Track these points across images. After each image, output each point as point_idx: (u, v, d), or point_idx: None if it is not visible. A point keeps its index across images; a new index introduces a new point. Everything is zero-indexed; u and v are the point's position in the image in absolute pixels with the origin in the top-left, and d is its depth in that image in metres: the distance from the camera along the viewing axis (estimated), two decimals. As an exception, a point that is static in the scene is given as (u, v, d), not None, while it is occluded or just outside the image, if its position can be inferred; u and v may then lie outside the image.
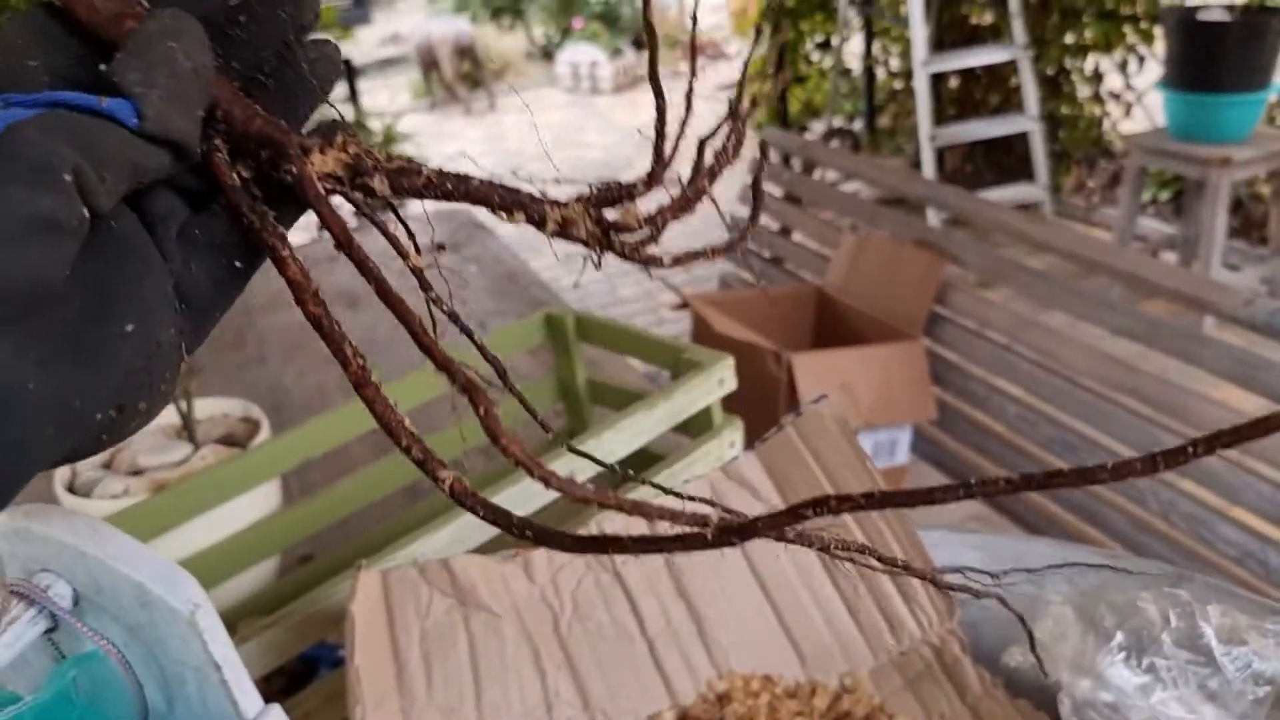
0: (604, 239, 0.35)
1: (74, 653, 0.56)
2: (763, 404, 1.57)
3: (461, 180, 0.34)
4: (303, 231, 4.11)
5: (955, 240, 1.72)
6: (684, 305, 1.77)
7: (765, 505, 0.70)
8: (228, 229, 0.34)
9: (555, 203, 0.35)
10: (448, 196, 0.35)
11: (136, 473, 0.93)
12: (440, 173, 0.35)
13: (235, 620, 0.85)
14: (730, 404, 1.02)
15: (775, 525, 0.31)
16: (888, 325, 1.73)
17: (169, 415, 1.00)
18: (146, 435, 0.98)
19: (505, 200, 0.35)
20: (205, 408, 1.01)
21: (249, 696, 0.55)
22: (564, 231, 0.35)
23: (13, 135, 0.26)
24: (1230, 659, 0.55)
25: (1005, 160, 4.13)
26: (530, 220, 0.35)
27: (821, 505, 0.30)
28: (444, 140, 6.77)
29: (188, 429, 0.95)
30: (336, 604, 0.68)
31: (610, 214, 0.35)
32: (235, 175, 0.32)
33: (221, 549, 0.87)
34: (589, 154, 5.87)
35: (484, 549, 0.75)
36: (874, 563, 0.68)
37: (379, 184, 0.33)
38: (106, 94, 0.28)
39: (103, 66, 0.29)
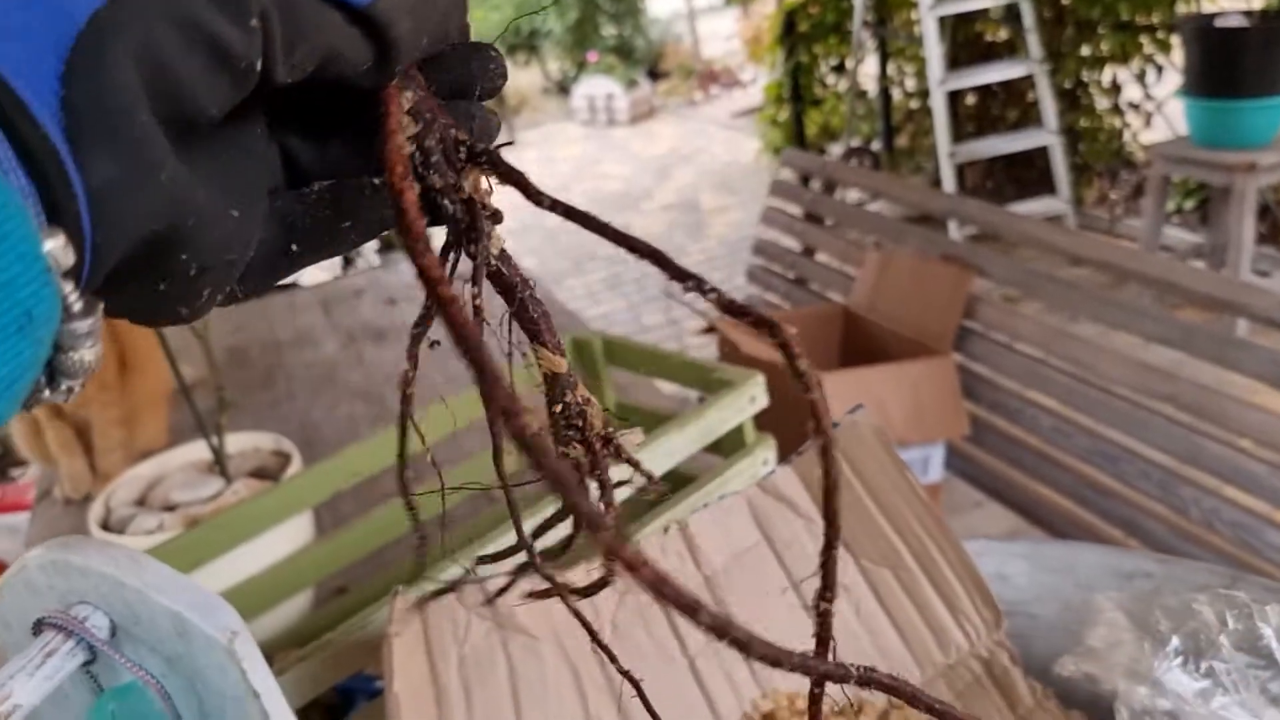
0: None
1: (112, 685, 0.55)
2: (793, 425, 1.55)
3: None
4: (325, 271, 4.14)
5: (981, 254, 1.70)
6: (709, 330, 1.77)
7: (804, 520, 0.69)
8: (307, 212, 0.32)
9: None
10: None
11: (170, 508, 0.93)
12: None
13: (271, 654, 0.85)
14: (761, 425, 1.01)
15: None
16: (916, 342, 1.71)
17: (201, 451, 1.00)
18: (179, 471, 0.98)
19: None
20: (236, 442, 1.01)
21: (289, 725, 0.54)
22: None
23: None
24: (1293, 661, 0.53)
25: (1026, 175, 4.12)
26: None
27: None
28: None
29: (220, 464, 0.95)
30: (372, 634, 0.67)
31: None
32: (407, 142, 0.30)
33: (256, 582, 0.86)
34: (608, 185, 5.89)
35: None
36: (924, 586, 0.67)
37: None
38: None
39: None
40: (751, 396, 0.95)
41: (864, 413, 0.71)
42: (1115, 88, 3.93)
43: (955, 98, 4.16)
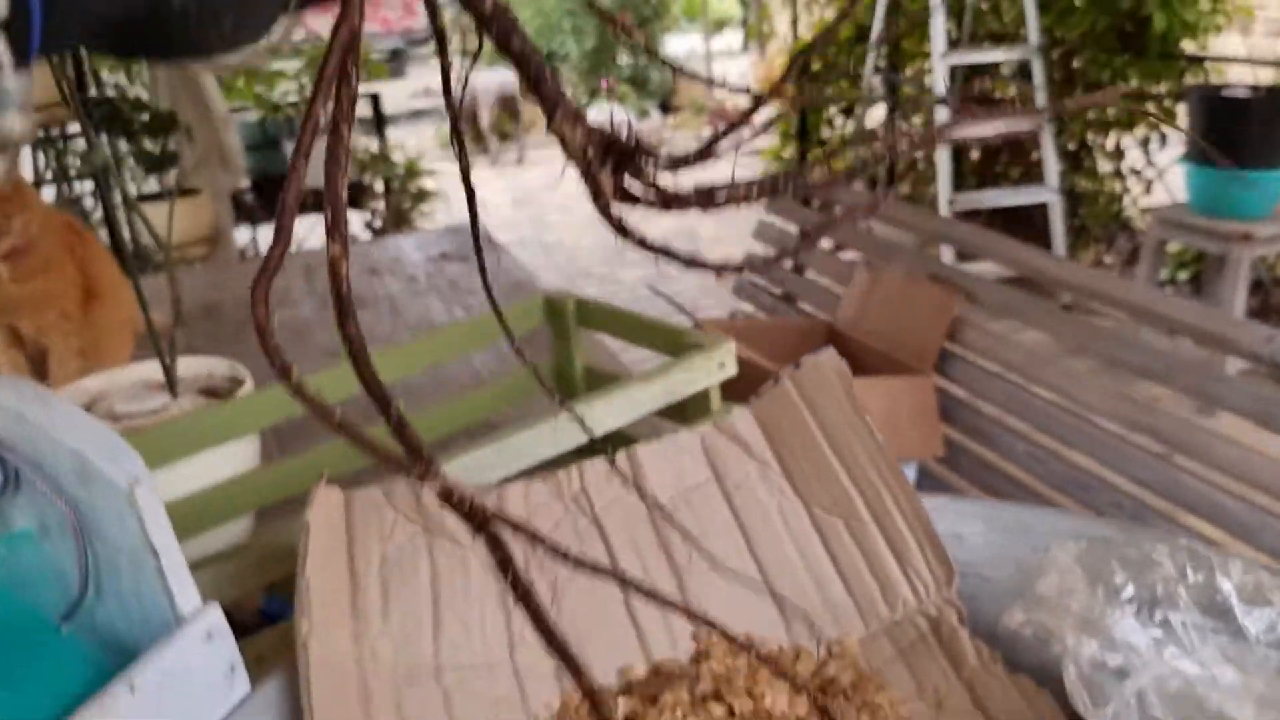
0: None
1: (5, 532, 0.52)
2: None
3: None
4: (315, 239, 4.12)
5: (969, 275, 1.69)
6: (695, 327, 1.74)
7: (758, 463, 0.67)
8: None
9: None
10: None
11: (113, 420, 0.90)
12: None
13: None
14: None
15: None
16: (898, 361, 1.69)
17: (153, 371, 0.97)
18: (127, 386, 0.95)
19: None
20: (191, 365, 0.98)
21: (186, 590, 0.51)
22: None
23: None
24: (1253, 620, 0.51)
25: (1024, 232, 4.12)
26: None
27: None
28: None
29: (169, 379, 0.92)
30: (295, 540, 0.64)
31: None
32: None
33: (191, 502, 0.83)
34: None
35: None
36: (870, 527, 0.64)
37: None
38: None
39: None
40: (721, 362, 0.93)
41: (829, 353, 0.69)
42: (1119, 152, 3.95)
43: (959, 153, 4.17)
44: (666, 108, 8.33)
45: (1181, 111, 3.53)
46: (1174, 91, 3.63)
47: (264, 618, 0.80)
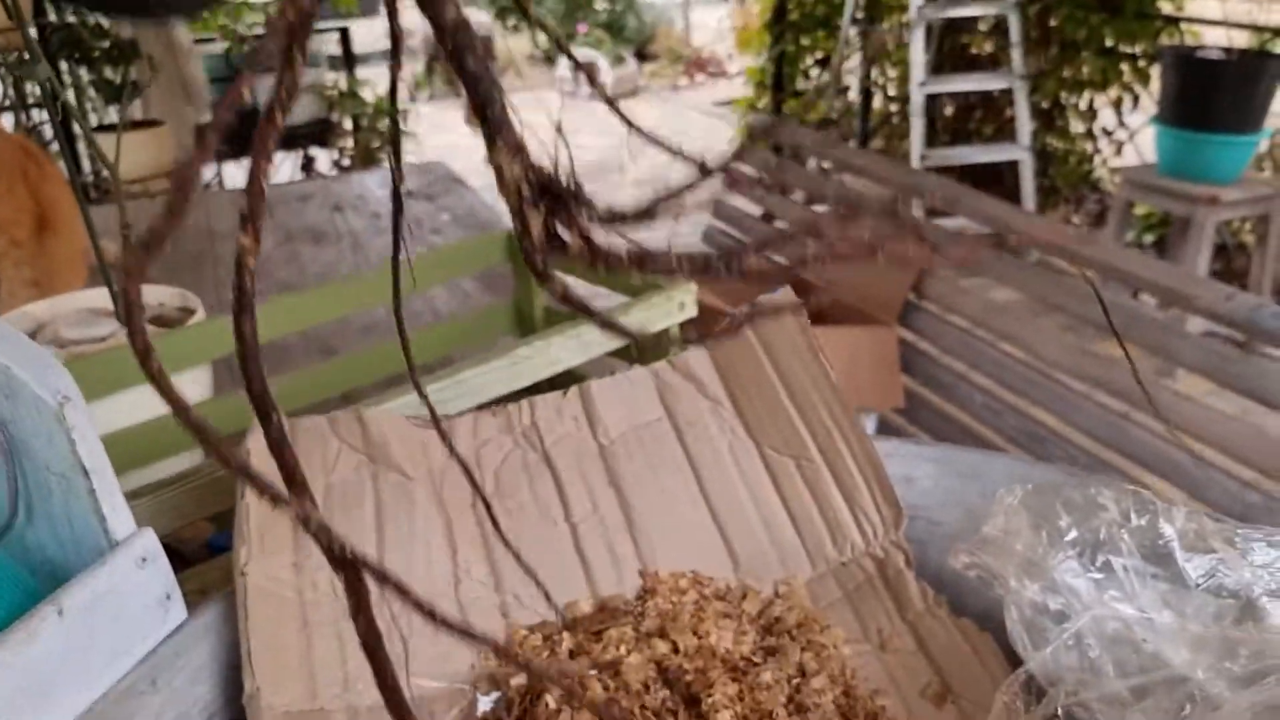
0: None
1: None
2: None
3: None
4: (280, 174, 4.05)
5: (936, 228, 1.68)
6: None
7: (711, 402, 0.66)
8: None
9: None
10: None
11: (59, 346, 0.88)
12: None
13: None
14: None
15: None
16: (863, 312, 1.69)
17: (101, 298, 0.95)
18: (74, 313, 0.93)
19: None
20: (143, 293, 0.96)
21: (120, 514, 0.50)
22: None
23: None
24: (1193, 566, 0.51)
25: (994, 190, 4.12)
26: None
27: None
28: (439, 131, 6.74)
29: (117, 308, 0.90)
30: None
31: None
32: None
33: (135, 433, 0.82)
34: (584, 155, 5.83)
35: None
36: (821, 467, 0.64)
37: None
38: None
39: None
40: (681, 303, 0.92)
41: (785, 292, 0.68)
42: (1091, 113, 3.95)
43: (933, 106, 4.15)
44: (643, 55, 8.23)
45: (1155, 73, 3.54)
46: (1149, 52, 3.62)
47: (211, 550, 0.79)
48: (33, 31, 2.94)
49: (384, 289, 0.98)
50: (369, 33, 9.58)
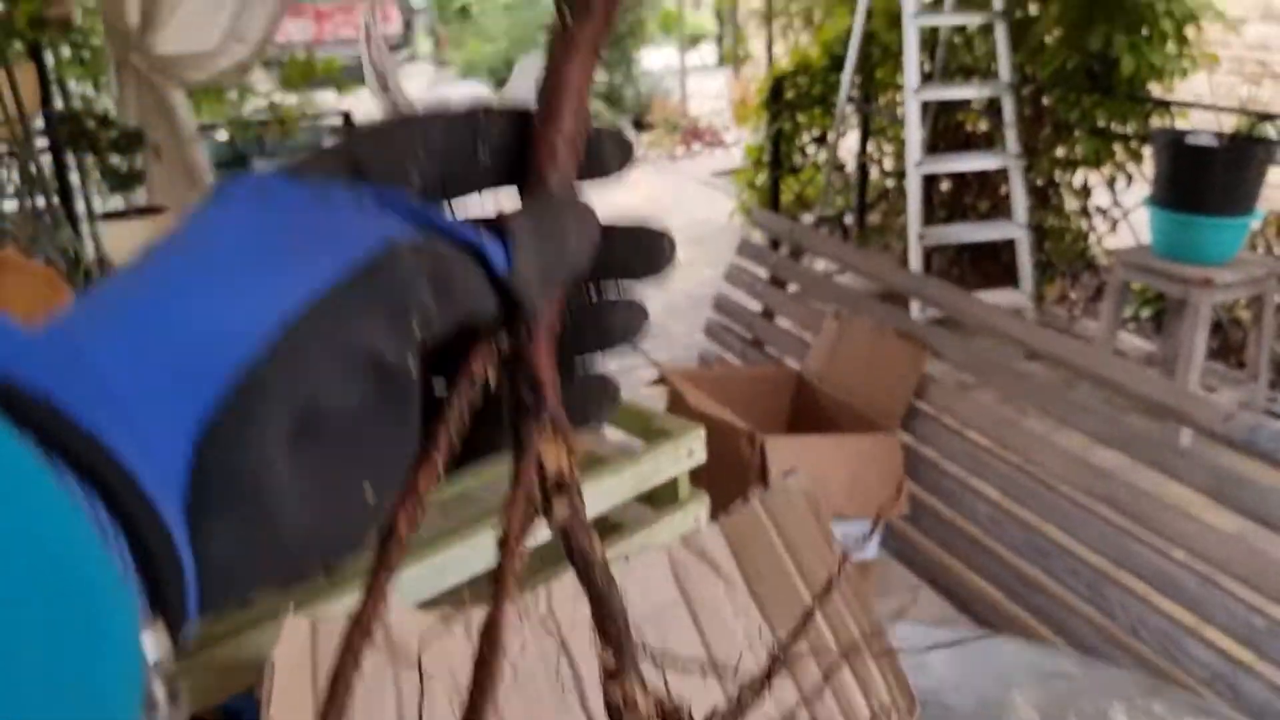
0: None
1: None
2: (732, 484, 1.53)
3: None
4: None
5: (938, 335, 1.71)
6: (660, 381, 1.75)
7: (725, 583, 0.67)
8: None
9: None
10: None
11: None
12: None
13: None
14: (699, 483, 0.99)
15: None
16: (865, 416, 1.71)
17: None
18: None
19: None
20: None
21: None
22: None
23: (389, 257, 0.25)
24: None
25: (991, 267, 4.17)
26: None
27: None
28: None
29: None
30: (266, 650, 0.64)
31: None
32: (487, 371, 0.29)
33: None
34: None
35: (434, 601, 0.71)
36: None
37: (560, 509, 0.28)
38: (482, 227, 0.27)
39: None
40: (690, 449, 0.94)
41: (797, 477, 0.70)
42: (1085, 191, 4.00)
43: (930, 182, 4.21)
44: (640, 125, 8.34)
45: (1148, 151, 3.59)
46: (1141, 133, 3.68)
47: (227, 715, 0.80)
48: (40, 122, 2.99)
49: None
50: (364, 101, 9.71)
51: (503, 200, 0.31)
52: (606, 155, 0.32)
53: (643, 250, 0.32)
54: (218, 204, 0.26)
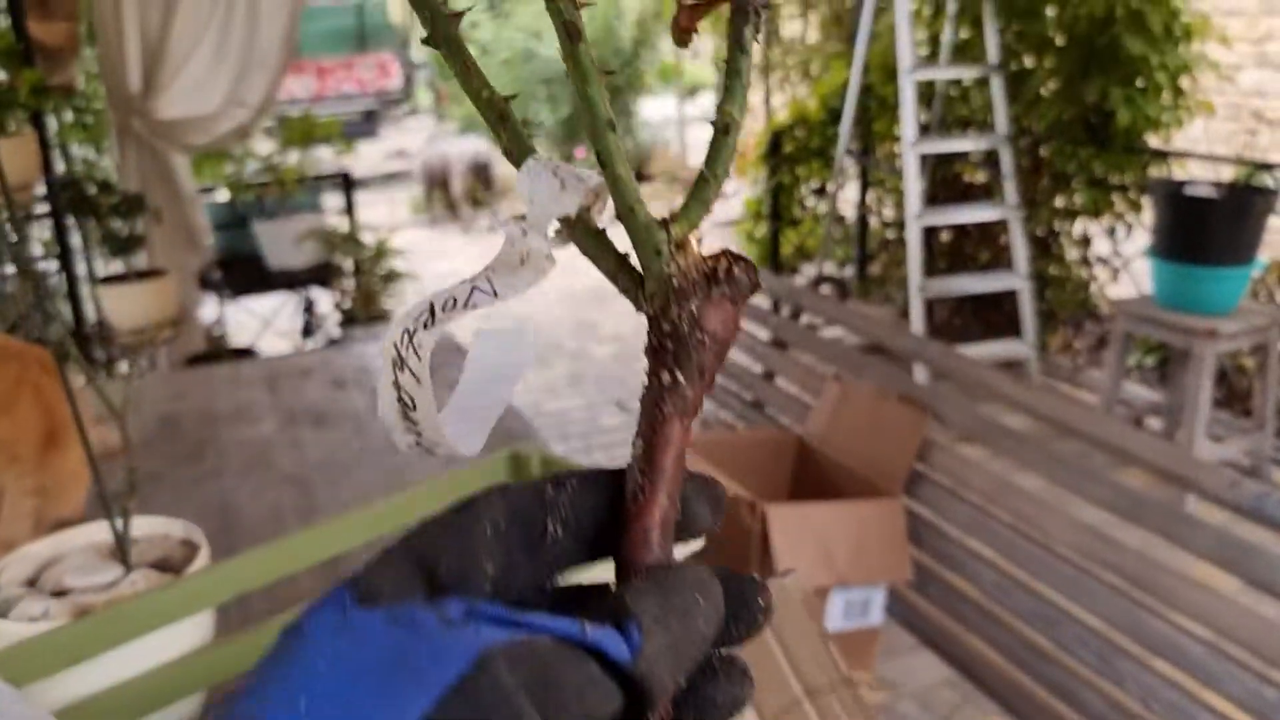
0: None
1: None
2: (734, 554, 1.52)
3: None
4: (285, 339, 4.06)
5: (940, 395, 1.70)
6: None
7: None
8: None
9: None
10: None
11: (61, 593, 0.87)
12: None
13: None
14: (700, 554, 0.97)
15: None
16: (867, 480, 1.69)
17: (105, 532, 0.95)
18: (77, 553, 0.93)
19: None
20: (145, 526, 0.96)
21: None
22: None
23: (483, 671, 0.23)
24: None
25: (994, 316, 4.17)
26: None
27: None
28: (439, 257, 6.83)
29: (121, 550, 0.89)
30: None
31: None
32: None
33: (144, 682, 0.81)
34: (580, 281, 5.91)
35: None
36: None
37: None
38: (583, 618, 0.25)
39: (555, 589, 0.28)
40: (686, 534, 0.92)
41: (795, 577, 0.68)
42: (1085, 241, 4.01)
43: (930, 233, 4.23)
44: (640, 176, 8.40)
45: (1147, 201, 3.60)
46: (1139, 183, 3.69)
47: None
48: (41, 188, 3.01)
49: (375, 525, 0.98)
50: (369, 154, 9.80)
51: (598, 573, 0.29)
52: (696, 513, 0.29)
53: (745, 613, 0.29)
54: (294, 648, 0.25)
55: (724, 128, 0.31)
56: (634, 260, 0.31)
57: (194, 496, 1.37)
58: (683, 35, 0.34)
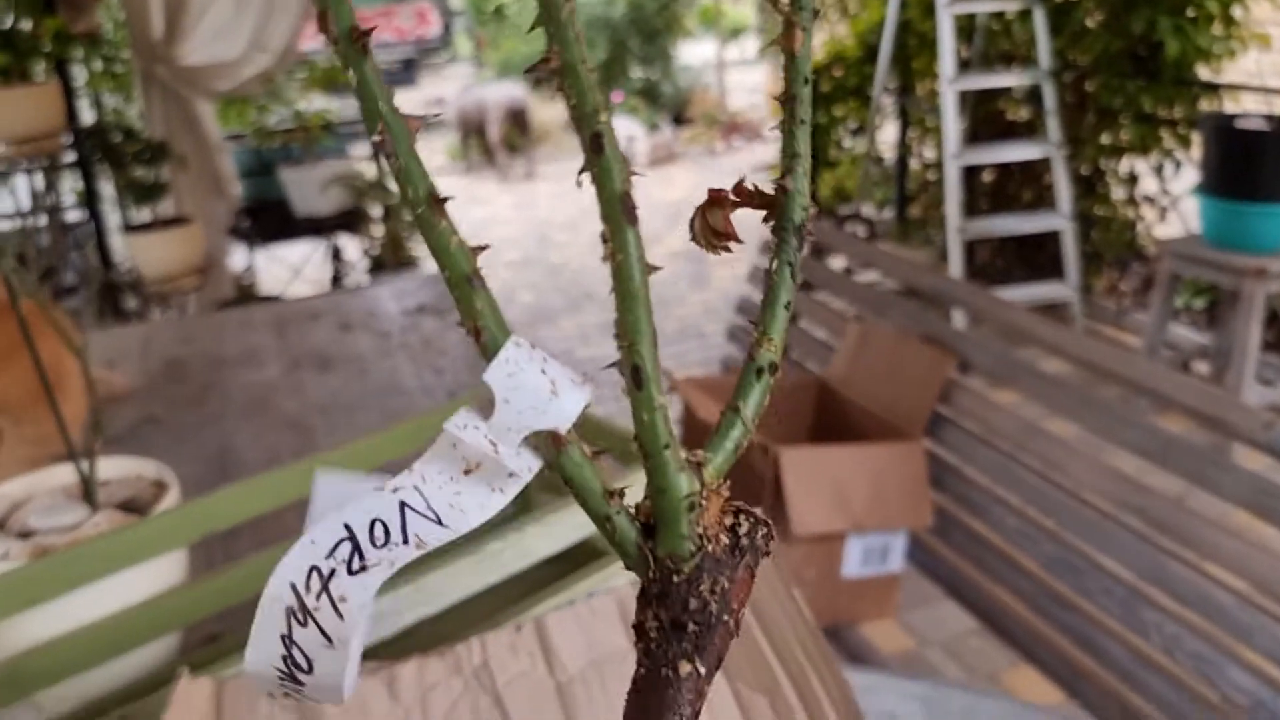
0: None
1: None
2: (746, 500, 1.47)
3: None
4: (315, 286, 4.05)
5: (966, 338, 1.63)
6: (673, 389, 1.69)
7: (682, 629, 0.61)
8: None
9: None
10: None
11: (26, 534, 0.85)
12: None
13: (120, 702, 0.77)
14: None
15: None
16: (888, 423, 1.63)
17: (71, 474, 0.92)
18: (46, 494, 0.91)
19: None
20: (117, 467, 0.93)
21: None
22: None
23: None
24: None
25: (1037, 258, 4.05)
26: None
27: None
28: (476, 205, 6.79)
29: (88, 490, 0.87)
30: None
31: None
32: None
33: (111, 622, 0.78)
34: (618, 227, 5.82)
35: (371, 653, 0.67)
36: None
37: None
38: None
39: None
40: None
41: (772, 545, 0.64)
42: (1132, 179, 3.87)
43: (972, 173, 4.11)
44: (679, 120, 8.27)
45: (1196, 139, 3.46)
46: (1188, 118, 3.55)
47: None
48: (67, 137, 3.00)
49: (360, 460, 0.94)
50: (406, 103, 9.76)
51: None
52: None
53: None
54: None
55: (762, 368, 0.27)
56: (628, 501, 0.26)
57: (193, 440, 1.35)
58: (715, 242, 0.29)
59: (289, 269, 3.86)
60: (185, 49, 3.06)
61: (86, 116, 3.21)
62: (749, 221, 0.30)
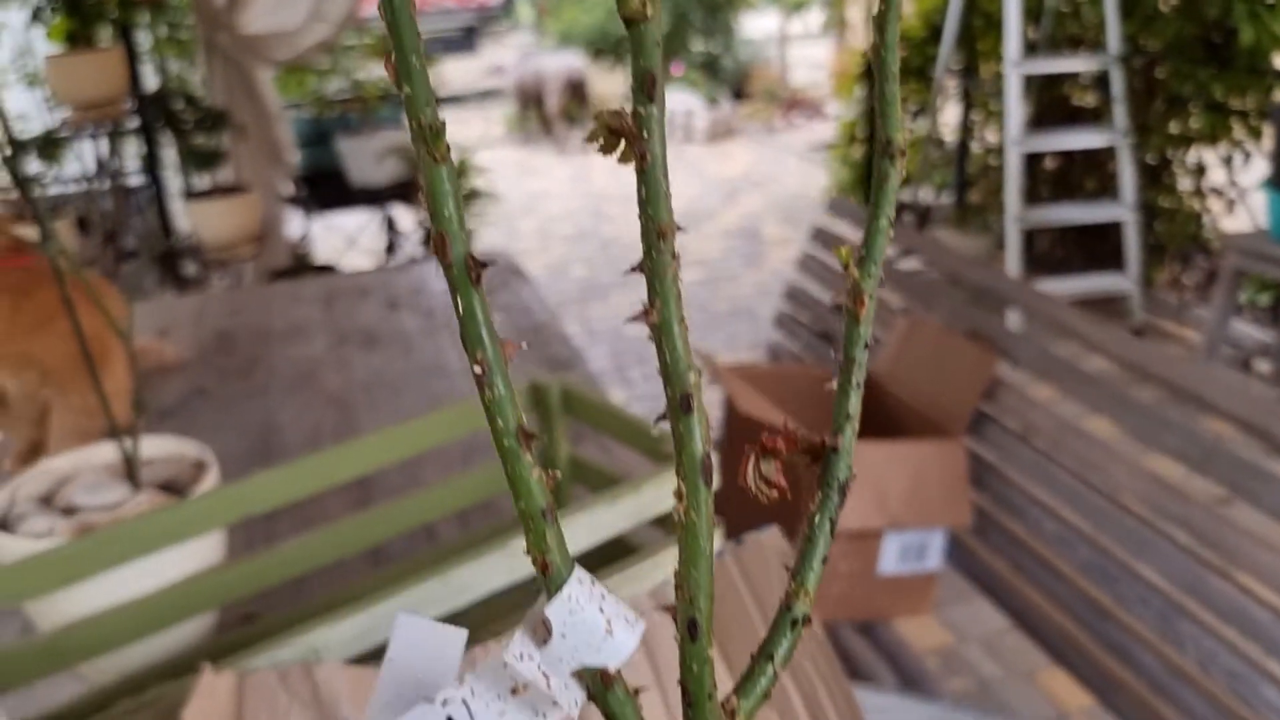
0: None
1: None
2: (748, 504, 1.47)
3: None
4: (370, 256, 4.10)
5: (1010, 334, 1.61)
6: (715, 376, 1.69)
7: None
8: None
9: None
10: None
11: (70, 511, 0.88)
12: None
13: (158, 676, 0.79)
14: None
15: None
16: (930, 419, 1.62)
17: (115, 452, 0.95)
18: (91, 471, 0.93)
19: None
20: (160, 447, 0.96)
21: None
22: None
23: None
24: None
25: (1098, 248, 3.98)
26: None
27: None
28: (530, 176, 6.81)
29: (131, 469, 0.90)
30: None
31: None
32: None
33: (147, 601, 0.81)
34: (675, 203, 5.81)
35: (365, 658, 0.68)
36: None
37: None
38: None
39: None
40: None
41: (771, 533, 0.64)
42: (1200, 169, 3.78)
43: (1035, 159, 4.03)
44: (739, 95, 8.21)
45: (1268, 130, 3.37)
46: (1261, 108, 3.45)
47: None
48: (131, 103, 3.05)
49: (399, 447, 0.96)
50: (466, 71, 9.77)
51: None
52: None
53: None
54: None
55: (796, 620, 0.28)
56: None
57: (238, 413, 1.37)
58: (764, 490, 0.29)
59: (344, 238, 3.90)
60: (247, 17, 3.09)
61: (150, 83, 3.25)
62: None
